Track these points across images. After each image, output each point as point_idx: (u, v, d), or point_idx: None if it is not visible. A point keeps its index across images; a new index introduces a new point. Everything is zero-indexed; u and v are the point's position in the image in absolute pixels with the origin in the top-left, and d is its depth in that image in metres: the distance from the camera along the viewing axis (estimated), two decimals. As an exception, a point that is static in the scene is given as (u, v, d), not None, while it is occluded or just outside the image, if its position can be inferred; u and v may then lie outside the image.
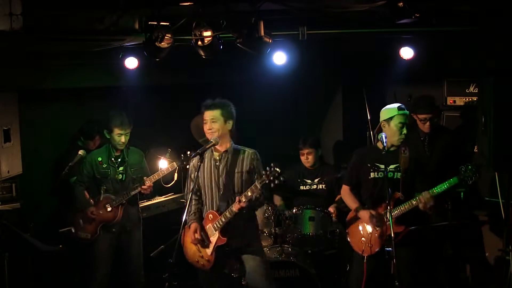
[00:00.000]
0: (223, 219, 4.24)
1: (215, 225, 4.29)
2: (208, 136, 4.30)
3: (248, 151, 4.37)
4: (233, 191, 4.30)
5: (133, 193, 5.07)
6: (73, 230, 5.03)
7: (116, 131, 4.95)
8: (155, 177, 5.09)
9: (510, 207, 4.37)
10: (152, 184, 5.11)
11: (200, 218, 4.42)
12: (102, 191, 5.04)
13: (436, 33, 4.93)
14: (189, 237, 4.37)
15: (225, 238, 4.27)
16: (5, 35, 3.45)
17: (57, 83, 5.59)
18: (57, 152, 5.82)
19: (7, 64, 4.91)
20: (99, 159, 5.06)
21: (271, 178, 3.89)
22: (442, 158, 5.12)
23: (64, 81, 5.62)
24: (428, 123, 5.17)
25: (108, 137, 5.04)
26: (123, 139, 4.98)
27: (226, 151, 4.35)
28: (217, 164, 4.35)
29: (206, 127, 4.30)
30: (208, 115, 4.29)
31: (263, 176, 3.93)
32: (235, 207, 4.14)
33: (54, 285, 5.35)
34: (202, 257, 4.37)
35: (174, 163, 5.14)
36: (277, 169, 3.87)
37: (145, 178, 5.07)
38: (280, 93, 6.54)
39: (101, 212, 5.01)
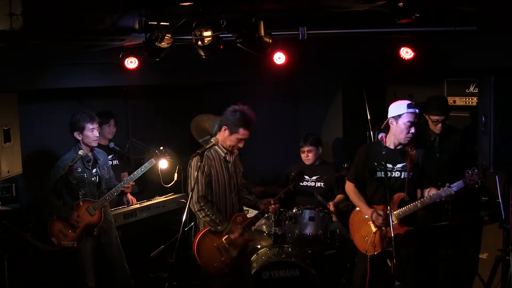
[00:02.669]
0: (254, 220, 4.40)
1: (245, 227, 4.35)
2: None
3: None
4: (236, 191, 4.46)
5: (116, 194, 5.10)
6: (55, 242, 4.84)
7: (89, 126, 4.94)
8: (135, 175, 5.17)
9: (510, 207, 4.36)
10: (134, 183, 5.22)
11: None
12: (80, 196, 4.91)
13: (436, 33, 4.92)
14: (211, 243, 4.30)
15: (252, 239, 4.51)
16: (5, 35, 3.46)
17: (57, 83, 5.59)
18: (57, 152, 5.81)
19: (7, 64, 4.91)
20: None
21: (300, 182, 4.68)
22: (451, 159, 5.09)
23: (64, 81, 5.62)
24: (440, 125, 5.08)
25: (79, 138, 4.98)
26: (96, 133, 4.99)
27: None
28: (229, 167, 4.42)
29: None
30: None
31: (294, 181, 4.53)
32: (271, 209, 4.39)
33: (54, 285, 5.35)
34: (223, 260, 4.30)
35: (153, 159, 5.29)
36: (300, 174, 4.64)
37: (125, 177, 5.14)
38: (280, 93, 6.53)
39: (85, 217, 4.91)
